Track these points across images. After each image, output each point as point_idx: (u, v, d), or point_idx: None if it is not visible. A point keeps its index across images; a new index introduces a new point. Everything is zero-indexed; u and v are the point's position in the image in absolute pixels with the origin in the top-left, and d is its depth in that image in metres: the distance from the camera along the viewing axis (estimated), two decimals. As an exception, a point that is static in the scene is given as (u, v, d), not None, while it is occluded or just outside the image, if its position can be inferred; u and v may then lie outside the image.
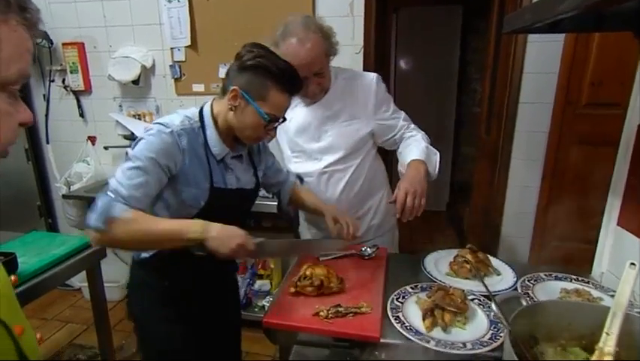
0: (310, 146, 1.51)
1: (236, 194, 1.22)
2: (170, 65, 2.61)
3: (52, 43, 2.69)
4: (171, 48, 2.58)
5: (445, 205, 4.48)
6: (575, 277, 1.23)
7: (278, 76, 1.08)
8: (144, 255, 1.21)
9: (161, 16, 2.52)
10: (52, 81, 2.82)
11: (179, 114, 1.14)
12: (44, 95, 2.85)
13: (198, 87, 2.61)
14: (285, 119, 1.19)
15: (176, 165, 1.09)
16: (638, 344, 0.76)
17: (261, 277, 2.62)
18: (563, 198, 2.21)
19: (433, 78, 4.14)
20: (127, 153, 1.08)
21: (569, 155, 2.17)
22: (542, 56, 2.12)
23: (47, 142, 2.94)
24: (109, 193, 1.00)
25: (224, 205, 1.19)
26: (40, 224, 2.99)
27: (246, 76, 1.08)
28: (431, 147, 1.47)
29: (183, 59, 2.58)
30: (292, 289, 1.19)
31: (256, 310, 2.50)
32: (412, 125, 1.55)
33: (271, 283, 2.61)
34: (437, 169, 1.43)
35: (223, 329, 1.41)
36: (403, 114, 1.56)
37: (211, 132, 1.15)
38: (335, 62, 2.26)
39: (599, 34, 2.01)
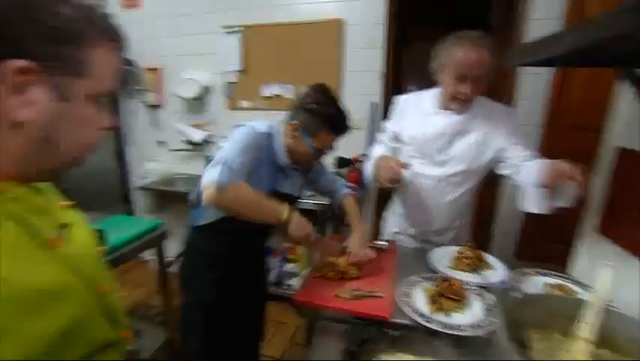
0: (438, 154, 1.36)
1: (285, 198, 1.22)
2: (224, 86, 2.65)
3: (137, 69, 2.79)
4: (225, 72, 2.62)
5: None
6: (556, 273, 1.18)
7: (328, 121, 1.11)
8: (202, 222, 1.23)
9: (218, 47, 2.57)
10: (135, 98, 2.91)
11: (262, 123, 1.17)
12: (128, 109, 2.95)
13: (245, 103, 2.64)
14: (331, 149, 1.20)
15: (257, 159, 1.11)
16: (609, 333, 0.73)
17: (290, 260, 2.62)
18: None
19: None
20: (221, 146, 1.08)
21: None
22: (534, 85, 2.05)
23: (129, 145, 3.05)
24: (226, 167, 1.00)
25: None
26: (121, 209, 3.09)
27: (305, 115, 1.12)
28: None
29: (234, 81, 2.62)
30: (317, 274, 1.19)
31: (284, 287, 2.50)
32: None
33: (299, 266, 2.61)
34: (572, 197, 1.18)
35: (255, 295, 1.42)
36: (523, 145, 1.32)
37: (278, 145, 1.18)
38: (358, 85, 2.29)
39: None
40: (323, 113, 1.10)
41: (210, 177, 0.99)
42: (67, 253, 0.51)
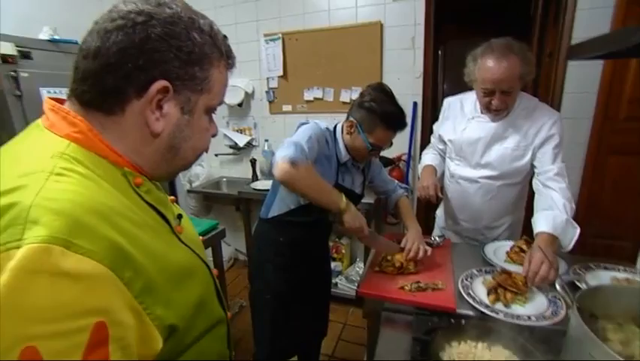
0: (473, 157, 1.40)
1: (348, 193, 1.28)
2: (266, 91, 2.75)
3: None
4: (267, 78, 2.71)
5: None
6: (622, 267, 1.17)
7: (384, 118, 1.16)
8: (271, 214, 1.31)
9: (260, 54, 2.68)
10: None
11: (324, 122, 1.25)
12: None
13: (287, 107, 2.73)
14: (391, 145, 1.25)
15: (321, 150, 1.19)
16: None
17: (334, 259, 2.67)
18: (601, 201, 2.07)
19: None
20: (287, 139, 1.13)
21: (608, 164, 2.03)
22: (582, 78, 2.00)
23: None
24: (299, 146, 1.06)
25: None
26: (169, 211, 3.25)
27: (362, 112, 1.18)
28: (571, 220, 1.18)
29: (276, 86, 2.71)
30: (376, 268, 1.24)
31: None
32: (563, 183, 1.25)
33: (342, 265, 2.66)
34: (572, 244, 1.17)
35: (318, 289, 1.48)
36: (560, 162, 1.29)
37: (339, 142, 1.26)
38: (398, 86, 2.32)
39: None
40: (379, 110, 1.15)
41: (284, 153, 1.04)
42: (187, 239, 0.60)
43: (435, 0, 2.19)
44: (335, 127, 1.28)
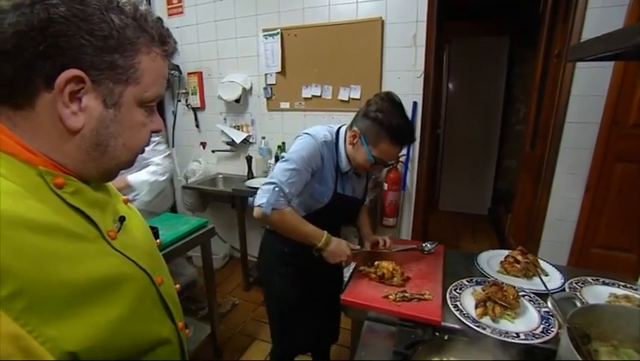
0: None
1: (350, 201, 1.26)
2: (264, 87, 2.70)
3: (180, 73, 2.92)
4: (265, 74, 2.66)
5: (487, 210, 4.19)
6: (623, 283, 1.10)
7: (390, 131, 1.08)
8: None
9: (258, 50, 2.63)
10: (179, 101, 3.04)
11: (323, 129, 1.20)
12: (173, 111, 3.09)
13: (284, 104, 2.67)
14: (398, 159, 1.24)
15: (317, 167, 1.16)
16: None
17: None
18: (605, 210, 1.99)
19: (481, 99, 3.90)
20: (282, 156, 1.18)
21: (614, 171, 1.95)
22: (590, 81, 1.92)
23: (172, 146, 3.17)
24: (275, 189, 1.10)
25: (340, 207, 1.24)
26: (165, 207, 3.23)
27: (367, 123, 1.11)
28: None
29: (274, 82, 2.66)
30: (361, 273, 1.19)
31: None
32: None
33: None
34: None
35: (327, 288, 1.43)
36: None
37: (341, 151, 1.20)
38: (398, 85, 2.26)
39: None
40: (386, 122, 1.07)
41: (262, 198, 1.10)
42: (124, 244, 0.53)
43: (438, -3, 2.12)
44: (338, 131, 1.22)
